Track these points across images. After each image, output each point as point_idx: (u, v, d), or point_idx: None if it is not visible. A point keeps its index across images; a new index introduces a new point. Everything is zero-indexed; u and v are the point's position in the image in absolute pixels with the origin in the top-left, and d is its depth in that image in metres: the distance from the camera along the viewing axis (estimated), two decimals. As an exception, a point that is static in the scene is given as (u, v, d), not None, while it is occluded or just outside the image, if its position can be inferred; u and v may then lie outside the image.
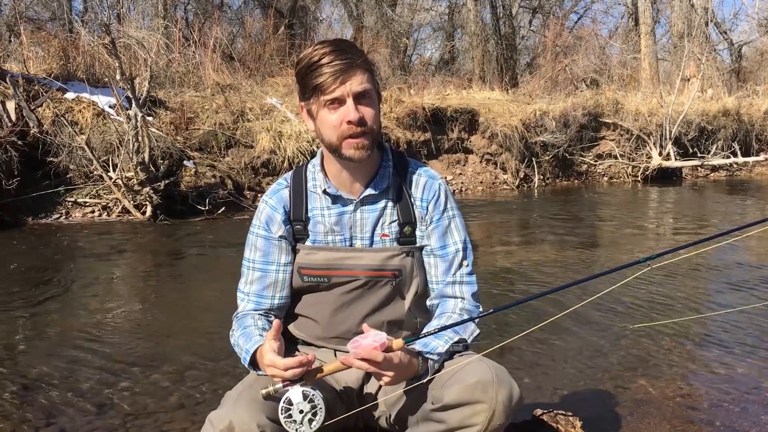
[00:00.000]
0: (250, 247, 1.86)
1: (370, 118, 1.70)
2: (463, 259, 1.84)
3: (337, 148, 1.72)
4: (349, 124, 1.68)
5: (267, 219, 1.85)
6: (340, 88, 1.66)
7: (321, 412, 1.52)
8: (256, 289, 1.84)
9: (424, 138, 11.72)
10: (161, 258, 6.28)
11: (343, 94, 1.66)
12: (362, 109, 1.69)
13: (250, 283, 1.85)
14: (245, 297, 1.85)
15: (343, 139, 1.70)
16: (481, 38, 17.20)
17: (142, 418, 2.66)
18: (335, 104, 1.68)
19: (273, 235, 1.83)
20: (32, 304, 4.48)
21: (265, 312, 1.83)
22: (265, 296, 1.83)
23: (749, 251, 5.83)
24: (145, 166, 8.02)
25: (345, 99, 1.67)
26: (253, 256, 1.85)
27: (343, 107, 1.68)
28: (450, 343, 1.70)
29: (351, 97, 1.67)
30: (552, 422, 2.16)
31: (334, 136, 1.71)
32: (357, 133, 1.69)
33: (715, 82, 17.94)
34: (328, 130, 1.71)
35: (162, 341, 3.67)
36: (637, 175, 13.08)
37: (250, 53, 13.94)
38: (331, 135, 1.71)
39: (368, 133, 1.71)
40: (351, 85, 1.66)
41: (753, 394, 2.81)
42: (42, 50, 10.46)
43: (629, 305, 4.17)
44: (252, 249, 1.86)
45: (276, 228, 1.83)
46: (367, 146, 1.71)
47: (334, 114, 1.69)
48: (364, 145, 1.71)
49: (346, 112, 1.67)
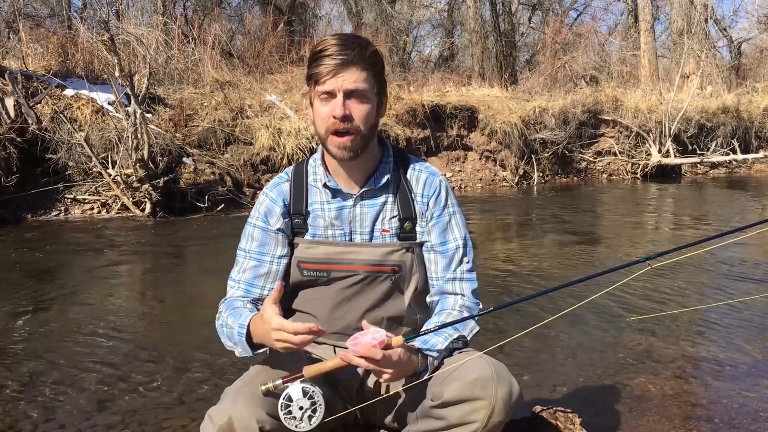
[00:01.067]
0: (246, 237, 1.86)
1: (358, 117, 1.70)
2: (464, 255, 1.84)
3: (324, 141, 1.75)
4: (334, 119, 1.68)
5: (266, 211, 1.85)
6: (332, 81, 1.67)
7: (320, 408, 1.52)
8: (247, 278, 1.84)
9: (423, 135, 11.71)
10: (160, 255, 6.28)
11: (334, 89, 1.68)
12: (352, 107, 1.69)
13: (242, 271, 1.85)
14: (236, 284, 1.85)
15: (329, 134, 1.72)
16: (481, 35, 17.17)
17: (142, 414, 2.66)
18: (326, 96, 1.70)
19: (271, 228, 1.83)
20: (31, 300, 4.47)
21: (253, 300, 1.82)
22: (255, 285, 1.83)
23: (748, 248, 5.84)
24: (144, 163, 8.01)
25: (336, 93, 1.68)
26: (248, 246, 1.85)
27: (333, 101, 1.69)
28: (450, 340, 1.70)
29: (341, 93, 1.68)
30: (551, 419, 2.15)
31: (323, 129, 1.73)
32: (341, 131, 1.70)
33: (714, 79, 17.92)
34: (319, 121, 1.74)
35: (161, 337, 3.68)
36: (636, 172, 13.09)
37: (250, 50, 13.93)
38: (320, 127, 1.73)
39: (353, 133, 1.70)
40: (344, 81, 1.67)
41: (752, 390, 2.81)
42: (41, 47, 10.44)
43: (628, 302, 4.17)
44: (248, 239, 1.85)
45: (274, 220, 1.83)
46: (349, 147, 1.71)
47: (326, 106, 1.70)
48: (346, 145, 1.71)
49: (333, 107, 1.68)
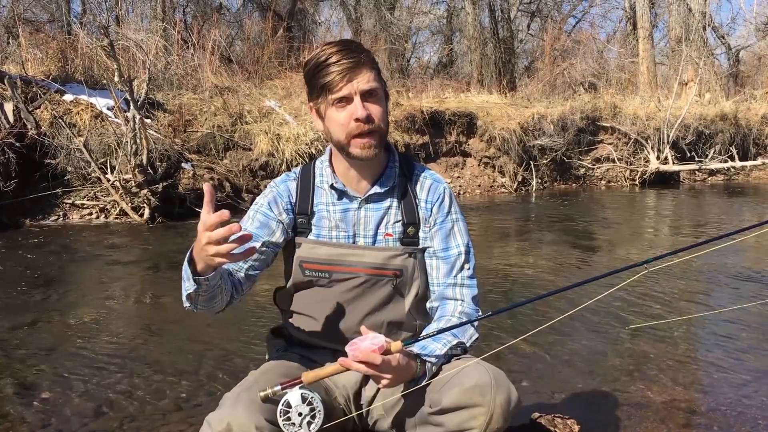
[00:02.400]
0: (246, 218, 1.84)
1: (377, 116, 1.72)
2: (465, 262, 1.85)
3: (345, 147, 1.74)
4: (357, 121, 1.69)
5: (272, 200, 1.84)
6: (347, 86, 1.67)
7: (320, 414, 1.52)
8: None
9: (422, 141, 11.72)
10: (159, 260, 6.27)
11: (350, 93, 1.68)
12: (370, 107, 1.70)
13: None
14: None
15: (351, 138, 1.71)
16: (480, 42, 17.21)
17: (139, 419, 2.66)
18: (343, 103, 1.70)
19: (274, 216, 1.83)
20: (29, 305, 4.47)
21: (230, 271, 1.75)
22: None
23: (746, 254, 5.84)
24: (143, 168, 8.01)
25: (352, 97, 1.68)
26: (246, 225, 1.82)
27: (350, 105, 1.69)
28: (448, 346, 1.70)
29: (358, 95, 1.68)
30: (550, 426, 2.16)
31: (343, 135, 1.72)
32: (364, 132, 1.70)
33: (712, 86, 17.97)
34: (337, 129, 1.73)
35: (159, 343, 3.67)
36: (634, 179, 13.10)
37: (249, 56, 13.95)
38: (340, 133, 1.72)
39: (376, 131, 1.72)
40: (358, 83, 1.68)
41: (751, 397, 2.81)
42: (40, 52, 10.45)
43: (626, 307, 4.17)
44: (249, 219, 1.83)
45: (278, 211, 1.83)
46: (374, 145, 1.73)
47: (342, 112, 1.70)
48: (371, 144, 1.72)
49: (354, 110, 1.69)
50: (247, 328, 3.84)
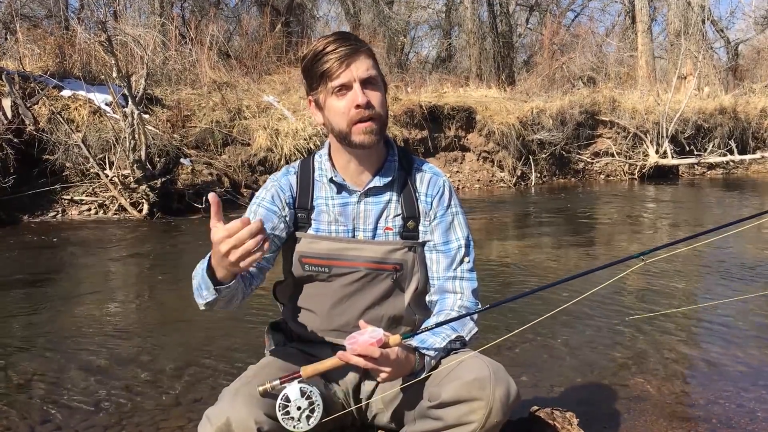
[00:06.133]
0: (249, 212, 1.82)
1: (377, 102, 1.71)
2: (465, 255, 1.84)
3: (347, 136, 1.72)
4: (358, 108, 1.68)
5: (274, 194, 1.82)
6: (346, 72, 1.67)
7: (318, 408, 1.52)
8: None
9: (421, 136, 11.72)
10: (157, 256, 6.27)
11: (349, 80, 1.67)
12: (369, 94, 1.69)
13: None
14: None
15: (353, 125, 1.70)
16: (478, 36, 17.18)
17: (139, 415, 2.66)
18: (342, 90, 1.69)
19: (277, 210, 1.81)
20: (28, 301, 4.47)
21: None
22: None
23: (744, 246, 5.85)
24: (142, 163, 8.00)
25: (352, 84, 1.68)
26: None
27: (350, 92, 1.68)
28: (447, 340, 1.69)
29: (358, 82, 1.67)
30: (549, 419, 2.15)
31: (344, 123, 1.71)
32: (365, 117, 1.69)
33: (711, 80, 17.96)
34: (337, 118, 1.71)
35: (158, 338, 3.67)
36: (633, 173, 13.11)
37: (247, 51, 13.94)
38: (341, 122, 1.71)
39: (376, 117, 1.71)
40: (357, 70, 1.67)
41: (749, 390, 2.81)
42: (38, 48, 10.42)
43: (625, 301, 4.18)
44: (252, 214, 1.81)
45: (281, 205, 1.82)
46: (375, 130, 1.71)
47: (342, 100, 1.69)
48: (372, 129, 1.71)
49: (354, 97, 1.68)
50: (245, 322, 3.84)
